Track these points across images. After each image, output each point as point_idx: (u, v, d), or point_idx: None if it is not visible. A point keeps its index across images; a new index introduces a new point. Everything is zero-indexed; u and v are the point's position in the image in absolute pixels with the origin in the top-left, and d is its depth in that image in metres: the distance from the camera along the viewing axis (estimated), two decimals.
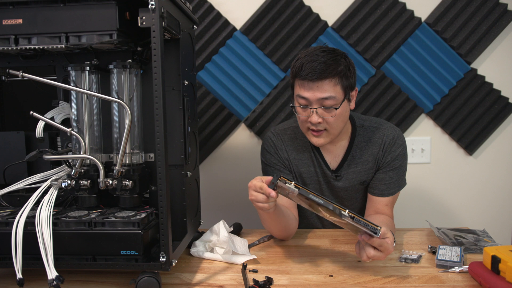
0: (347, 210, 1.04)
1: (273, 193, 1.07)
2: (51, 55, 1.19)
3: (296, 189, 1.04)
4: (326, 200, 1.04)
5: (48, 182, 1.12)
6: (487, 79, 1.89)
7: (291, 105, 1.34)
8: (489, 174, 1.97)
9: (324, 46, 1.32)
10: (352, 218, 1.04)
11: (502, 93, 1.89)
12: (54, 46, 1.04)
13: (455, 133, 1.93)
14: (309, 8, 1.86)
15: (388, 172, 1.40)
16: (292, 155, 1.46)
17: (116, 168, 1.08)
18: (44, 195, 1.09)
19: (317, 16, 1.86)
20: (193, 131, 1.30)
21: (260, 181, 1.11)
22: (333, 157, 1.44)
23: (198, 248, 1.28)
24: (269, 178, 1.09)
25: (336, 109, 1.26)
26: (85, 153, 1.11)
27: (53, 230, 1.03)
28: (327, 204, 1.04)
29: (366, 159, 1.41)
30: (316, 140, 1.33)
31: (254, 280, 1.10)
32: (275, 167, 1.46)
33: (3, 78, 1.26)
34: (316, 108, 1.27)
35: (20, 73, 1.07)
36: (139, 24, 0.97)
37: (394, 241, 1.17)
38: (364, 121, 1.45)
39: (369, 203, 1.45)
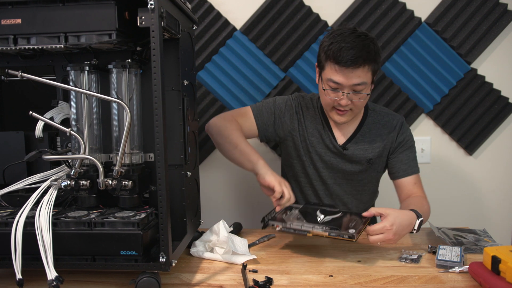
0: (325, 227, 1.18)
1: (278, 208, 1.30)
2: (50, 55, 1.19)
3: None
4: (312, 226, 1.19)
5: (47, 182, 1.11)
6: (487, 79, 1.89)
7: (324, 88, 1.36)
8: (489, 174, 1.97)
9: (354, 29, 1.33)
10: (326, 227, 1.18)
11: (502, 93, 1.89)
12: (53, 46, 1.04)
13: (455, 133, 1.93)
14: (309, 8, 1.86)
15: (405, 152, 1.49)
16: (304, 120, 1.52)
17: (116, 168, 1.08)
18: (44, 195, 1.08)
19: (317, 16, 1.86)
20: (193, 131, 1.30)
21: (281, 188, 1.27)
22: (342, 134, 1.49)
23: (198, 248, 1.28)
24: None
25: (367, 94, 1.35)
26: (84, 153, 1.11)
27: (52, 230, 1.03)
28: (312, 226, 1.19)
29: (374, 139, 1.48)
30: (339, 118, 1.40)
31: (254, 280, 1.10)
32: (266, 117, 1.51)
33: (3, 78, 1.26)
34: (347, 93, 1.32)
35: (19, 73, 1.07)
36: (138, 24, 0.97)
37: (415, 228, 1.23)
38: (375, 106, 1.55)
39: (399, 189, 1.51)
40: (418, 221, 1.24)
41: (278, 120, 1.51)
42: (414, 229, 1.24)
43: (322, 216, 1.27)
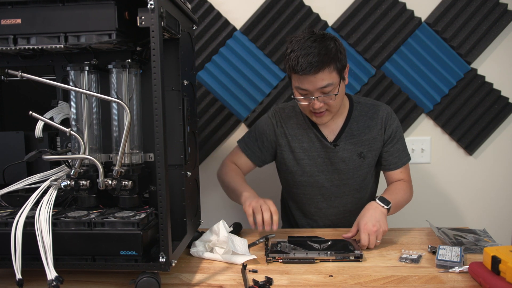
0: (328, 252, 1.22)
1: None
2: (50, 55, 1.19)
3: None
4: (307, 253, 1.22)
5: (47, 182, 1.11)
6: (487, 79, 1.89)
7: (292, 97, 1.41)
8: (489, 174, 1.97)
9: (312, 32, 1.36)
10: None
11: (502, 93, 1.89)
12: (53, 46, 1.04)
13: (455, 133, 1.93)
14: (309, 8, 1.86)
15: (395, 145, 1.52)
16: (289, 131, 1.54)
17: (116, 168, 1.08)
18: (44, 195, 1.08)
19: (317, 16, 1.86)
20: (193, 131, 1.30)
21: (249, 209, 1.31)
22: (330, 131, 1.51)
23: (198, 248, 1.28)
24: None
25: (335, 94, 1.35)
26: (84, 153, 1.11)
27: (52, 230, 1.03)
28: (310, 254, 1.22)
29: (363, 131, 1.50)
30: (319, 120, 1.44)
31: (254, 280, 1.10)
32: (252, 146, 1.58)
33: (3, 78, 1.26)
34: (317, 97, 1.35)
35: (19, 73, 1.07)
36: (138, 24, 0.97)
37: (385, 207, 1.33)
38: (360, 98, 1.57)
39: (387, 177, 1.57)
40: (378, 201, 1.35)
41: (266, 142, 1.56)
42: (385, 207, 1.34)
43: (317, 245, 1.28)
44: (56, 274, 0.99)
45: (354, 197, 1.57)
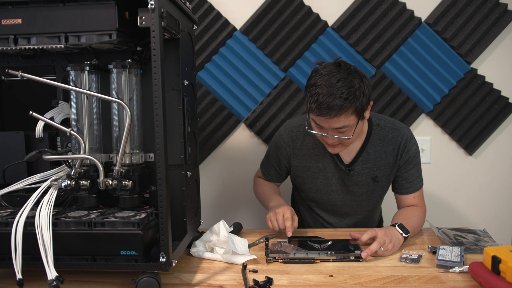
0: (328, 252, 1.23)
1: (289, 233, 1.30)
2: (51, 55, 1.19)
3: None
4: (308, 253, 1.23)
5: (47, 182, 1.11)
6: (487, 79, 1.89)
7: (306, 128, 1.38)
8: (489, 174, 1.97)
9: (338, 66, 1.28)
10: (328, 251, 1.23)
11: (502, 93, 1.89)
12: (54, 46, 1.04)
13: (455, 133, 1.93)
14: (309, 8, 1.86)
15: (410, 170, 1.47)
16: (304, 151, 1.50)
17: (116, 168, 1.08)
18: (44, 195, 1.08)
19: (317, 16, 1.86)
20: (193, 131, 1.30)
21: (290, 216, 1.32)
22: (347, 152, 1.47)
23: (198, 248, 1.28)
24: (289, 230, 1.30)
25: (349, 138, 1.32)
26: (84, 153, 1.11)
27: (52, 230, 1.03)
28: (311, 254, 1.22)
29: (379, 156, 1.46)
30: (332, 150, 1.41)
31: (254, 280, 1.10)
32: (272, 162, 1.60)
33: (3, 78, 1.26)
34: (331, 134, 1.31)
35: (19, 73, 1.07)
36: (138, 24, 0.97)
37: (404, 235, 1.29)
38: (380, 120, 1.48)
39: (399, 202, 1.52)
40: (398, 228, 1.30)
41: (282, 163, 1.57)
42: (403, 235, 1.30)
43: (317, 245, 1.28)
44: (57, 274, 0.98)
45: (365, 216, 1.57)
